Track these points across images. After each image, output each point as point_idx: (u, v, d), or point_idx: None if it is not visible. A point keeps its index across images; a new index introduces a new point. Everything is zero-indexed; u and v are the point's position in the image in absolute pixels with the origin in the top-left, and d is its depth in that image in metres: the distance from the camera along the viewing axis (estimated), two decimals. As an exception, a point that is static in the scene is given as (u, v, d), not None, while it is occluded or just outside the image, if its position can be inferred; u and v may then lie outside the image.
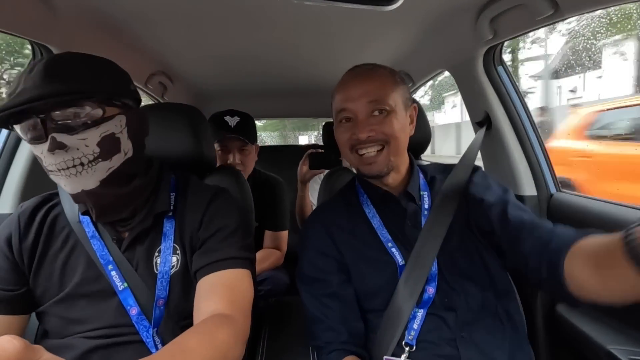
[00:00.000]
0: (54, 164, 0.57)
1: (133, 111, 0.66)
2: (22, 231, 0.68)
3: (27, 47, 0.99)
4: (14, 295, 0.66)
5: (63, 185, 0.61)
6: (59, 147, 0.55)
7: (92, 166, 0.59)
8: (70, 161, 0.57)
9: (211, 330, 0.56)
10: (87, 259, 0.68)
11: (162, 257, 0.69)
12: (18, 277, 0.67)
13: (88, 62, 0.61)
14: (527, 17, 0.89)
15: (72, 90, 0.55)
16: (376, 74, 0.79)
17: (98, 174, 0.60)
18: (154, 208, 0.70)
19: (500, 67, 1.16)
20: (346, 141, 0.79)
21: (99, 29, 1.04)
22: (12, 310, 0.65)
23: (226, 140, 1.38)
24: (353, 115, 0.77)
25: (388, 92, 0.76)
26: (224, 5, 0.97)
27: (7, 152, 1.01)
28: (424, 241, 0.75)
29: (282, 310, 1.06)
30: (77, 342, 0.65)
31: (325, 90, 0.98)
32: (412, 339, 0.70)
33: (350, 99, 0.77)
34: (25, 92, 0.54)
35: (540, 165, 1.14)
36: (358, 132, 0.75)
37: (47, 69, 0.56)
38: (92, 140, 0.58)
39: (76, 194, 0.61)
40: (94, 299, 0.67)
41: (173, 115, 0.94)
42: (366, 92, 0.76)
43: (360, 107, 0.76)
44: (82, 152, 0.58)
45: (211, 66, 1.58)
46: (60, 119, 0.56)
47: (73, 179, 0.58)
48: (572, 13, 0.81)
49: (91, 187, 0.60)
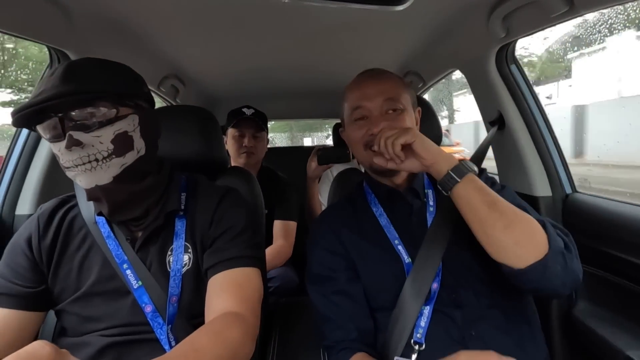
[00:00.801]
0: (70, 160, 0.60)
1: (146, 112, 0.69)
2: (41, 232, 0.70)
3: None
4: (33, 293, 0.68)
5: (78, 181, 0.64)
6: (75, 144, 0.58)
7: (106, 162, 0.62)
8: (86, 157, 0.60)
9: (222, 329, 0.57)
10: (102, 259, 0.70)
11: (174, 256, 0.71)
12: (37, 276, 0.69)
13: (103, 66, 0.65)
14: (540, 14, 0.87)
15: (88, 90, 0.59)
16: (389, 75, 0.83)
17: (112, 170, 0.63)
18: (165, 207, 0.72)
19: (513, 66, 1.14)
20: (360, 138, 0.81)
21: (113, 34, 1.06)
22: (31, 307, 0.67)
23: (242, 123, 1.53)
24: (368, 113, 0.80)
25: (400, 92, 0.80)
26: (235, 10, 0.98)
27: (25, 156, 1.04)
28: (431, 240, 0.76)
29: (292, 310, 1.06)
30: (93, 339, 0.67)
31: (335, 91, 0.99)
32: (420, 337, 0.70)
33: (365, 97, 0.80)
34: (45, 92, 0.57)
35: (555, 165, 1.11)
36: (374, 127, 0.77)
37: (65, 72, 0.59)
38: (106, 137, 0.61)
39: (90, 189, 0.63)
40: (109, 297, 0.69)
41: (185, 118, 0.96)
42: (381, 90, 0.79)
43: (375, 105, 0.79)
44: (96, 149, 0.61)
45: (222, 69, 1.60)
46: (77, 119, 0.59)
47: (88, 174, 0.61)
48: (587, 9, 0.79)
49: (105, 182, 0.63)
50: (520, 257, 0.62)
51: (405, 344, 0.70)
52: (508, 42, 1.04)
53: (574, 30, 5.08)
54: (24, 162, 1.04)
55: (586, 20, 4.34)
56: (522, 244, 0.63)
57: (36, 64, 2.84)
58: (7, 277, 0.67)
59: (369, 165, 0.84)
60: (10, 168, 1.03)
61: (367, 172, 0.90)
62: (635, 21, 3.45)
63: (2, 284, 0.67)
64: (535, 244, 0.63)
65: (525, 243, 0.63)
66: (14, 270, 0.68)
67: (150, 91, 0.72)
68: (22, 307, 0.66)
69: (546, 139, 1.12)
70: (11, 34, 0.82)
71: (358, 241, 0.81)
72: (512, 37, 1.00)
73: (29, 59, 3.09)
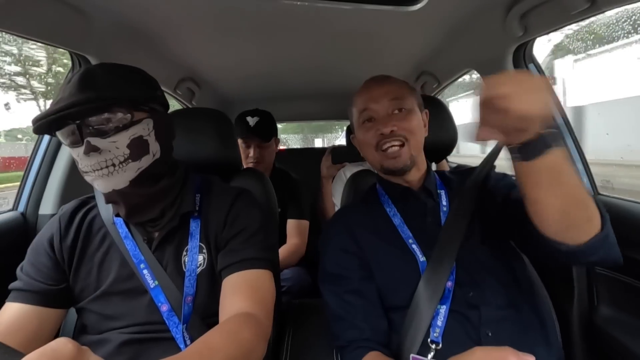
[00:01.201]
0: (89, 165, 0.62)
1: (160, 115, 0.70)
2: (63, 232, 0.73)
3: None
4: (55, 290, 0.70)
5: (96, 185, 0.65)
6: (92, 150, 0.60)
7: (123, 167, 0.63)
8: (103, 162, 0.62)
9: (236, 329, 0.58)
10: (121, 259, 0.72)
11: (189, 256, 0.72)
12: (59, 274, 0.71)
13: (118, 72, 0.66)
14: (560, 12, 0.85)
15: (102, 97, 0.60)
16: (393, 79, 0.88)
17: (128, 174, 0.64)
18: (181, 208, 0.73)
19: (531, 65, 1.11)
20: (370, 139, 0.83)
21: (131, 39, 1.09)
22: (51, 304, 0.70)
23: (246, 138, 1.53)
24: (375, 114, 0.83)
25: (405, 94, 0.84)
26: (249, 14, 0.99)
27: (48, 158, 1.08)
28: (445, 239, 0.76)
29: (306, 311, 1.06)
30: (112, 336, 0.69)
31: (349, 92, 0.99)
32: (437, 336, 0.69)
33: (372, 99, 0.83)
34: (62, 100, 0.59)
35: (575, 166, 1.08)
36: (382, 127, 0.80)
37: (81, 80, 0.61)
38: (122, 142, 0.63)
39: (108, 193, 0.65)
40: (127, 296, 0.70)
41: (200, 120, 0.97)
42: (386, 92, 0.83)
43: (382, 106, 0.82)
44: (113, 154, 0.62)
45: (237, 72, 1.61)
46: (94, 125, 0.61)
47: (105, 179, 0.63)
48: (608, 6, 0.77)
49: (121, 187, 0.64)
50: (587, 231, 0.59)
51: (420, 343, 0.69)
52: (525, 40, 1.02)
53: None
54: (47, 163, 1.08)
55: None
56: (592, 218, 0.59)
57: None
58: (30, 275, 0.70)
59: (379, 166, 0.85)
60: (34, 169, 1.07)
61: (379, 173, 0.91)
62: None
63: (26, 281, 0.69)
64: (597, 215, 0.60)
65: (593, 217, 0.59)
66: (37, 268, 0.70)
67: (164, 94, 0.74)
68: (43, 303, 0.68)
69: (565, 140, 1.09)
70: (37, 41, 0.86)
71: (372, 240, 0.81)
72: (529, 35, 0.98)
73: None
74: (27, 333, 0.65)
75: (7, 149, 5.15)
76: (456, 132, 1.09)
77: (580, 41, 5.02)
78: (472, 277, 0.74)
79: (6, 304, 0.67)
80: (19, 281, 0.70)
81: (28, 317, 0.67)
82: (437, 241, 0.76)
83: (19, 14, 0.76)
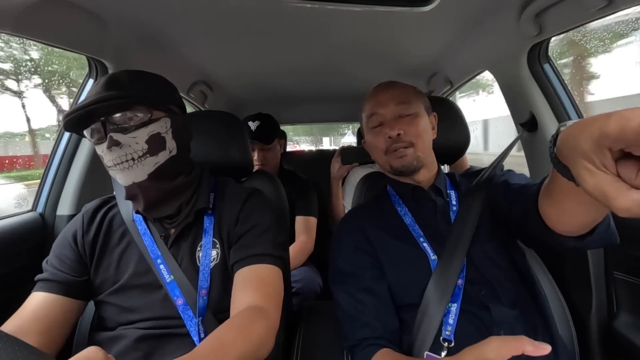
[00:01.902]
0: (111, 159, 0.67)
1: (177, 116, 0.75)
2: (85, 228, 0.78)
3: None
4: (77, 282, 0.74)
5: (119, 179, 0.70)
6: (114, 144, 0.66)
7: (142, 161, 0.68)
8: (124, 156, 0.67)
9: (247, 324, 0.60)
10: (139, 254, 0.76)
11: (203, 251, 0.76)
12: (81, 267, 0.76)
13: (140, 77, 0.73)
14: (577, 10, 0.83)
15: (125, 95, 0.67)
16: (400, 84, 0.90)
17: (147, 168, 0.69)
18: (196, 205, 0.78)
19: (546, 65, 1.09)
20: (380, 143, 0.86)
21: (146, 44, 1.11)
22: (73, 294, 0.73)
23: (250, 142, 1.52)
24: (382, 118, 0.86)
25: (412, 98, 0.86)
26: (260, 17, 1.00)
27: (65, 160, 1.11)
28: (455, 237, 0.77)
29: (316, 313, 1.06)
30: (128, 332, 0.71)
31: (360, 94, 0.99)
32: (449, 334, 0.69)
33: (379, 104, 0.86)
34: (89, 98, 0.65)
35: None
36: (389, 130, 0.83)
37: (107, 82, 0.68)
38: (141, 138, 0.68)
39: (129, 186, 0.70)
40: (144, 290, 0.74)
41: (213, 122, 0.98)
42: (392, 96, 0.86)
43: (388, 110, 0.85)
44: (133, 149, 0.67)
45: (248, 74, 1.63)
46: (117, 122, 0.67)
47: (126, 172, 0.68)
48: (628, 4, 0.75)
49: (141, 180, 0.69)
50: (595, 219, 0.56)
51: (432, 341, 0.69)
52: (541, 40, 1.00)
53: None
54: (65, 165, 1.10)
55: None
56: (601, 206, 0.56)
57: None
58: (55, 266, 0.74)
59: (389, 167, 0.88)
60: (52, 171, 1.10)
61: (388, 175, 0.93)
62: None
63: (51, 271, 0.73)
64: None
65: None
66: (61, 260, 0.75)
67: (182, 98, 0.78)
68: (66, 293, 0.72)
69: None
70: (55, 46, 0.88)
71: (384, 239, 0.82)
72: (545, 35, 0.96)
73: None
74: (51, 321, 0.69)
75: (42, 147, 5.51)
76: (468, 132, 1.08)
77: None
78: (482, 273, 0.74)
79: (32, 294, 0.72)
80: (44, 272, 0.74)
81: (52, 305, 0.70)
82: (447, 239, 0.77)
83: (39, 22, 0.79)
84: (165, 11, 0.95)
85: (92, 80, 1.10)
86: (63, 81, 4.36)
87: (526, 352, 0.45)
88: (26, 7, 0.73)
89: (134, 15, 0.95)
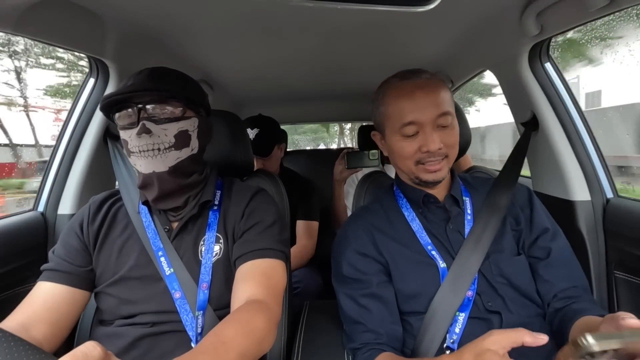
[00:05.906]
0: (137, 146, 0.70)
1: (204, 118, 0.80)
2: (91, 217, 0.80)
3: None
4: (82, 271, 0.75)
5: (139, 165, 0.73)
6: (145, 132, 0.69)
7: (166, 153, 0.71)
8: (151, 145, 0.70)
9: (248, 319, 0.60)
10: (141, 246, 0.77)
11: (206, 245, 0.77)
12: (86, 257, 0.77)
13: (180, 76, 0.78)
14: (578, 9, 0.82)
15: (166, 88, 0.71)
16: (437, 83, 0.77)
17: (169, 161, 0.72)
18: (201, 199, 0.80)
19: (548, 64, 1.09)
20: (412, 154, 0.77)
21: (147, 43, 1.11)
22: (78, 284, 0.74)
23: None
24: (420, 128, 0.75)
25: (450, 104, 0.77)
26: (261, 17, 1.00)
27: (67, 160, 1.11)
28: (470, 251, 0.75)
29: (317, 312, 1.06)
30: (126, 331, 0.72)
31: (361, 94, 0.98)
32: (453, 343, 0.69)
33: (419, 109, 0.74)
34: (132, 85, 0.71)
35: (594, 167, 1.05)
36: (430, 144, 0.74)
37: (150, 73, 0.73)
38: (171, 132, 0.72)
39: (147, 174, 0.73)
40: (143, 282, 0.75)
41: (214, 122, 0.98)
42: (435, 103, 0.74)
43: (428, 117, 0.74)
44: (161, 140, 0.71)
45: (249, 73, 1.63)
46: (151, 112, 0.70)
47: (150, 160, 0.71)
48: (629, 3, 0.74)
49: (161, 171, 0.72)
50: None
51: (437, 348, 0.69)
52: (542, 39, 1.00)
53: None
54: (66, 165, 1.10)
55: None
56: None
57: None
58: (61, 256, 0.75)
59: (414, 176, 0.80)
60: (53, 170, 1.10)
61: (405, 180, 0.87)
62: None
63: (56, 261, 0.75)
64: None
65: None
66: (67, 249, 0.76)
67: (209, 105, 0.83)
68: (71, 283, 0.73)
69: (584, 141, 1.06)
70: (57, 46, 0.88)
71: (391, 245, 0.79)
72: (546, 34, 0.96)
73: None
74: (59, 312, 0.70)
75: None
76: (470, 136, 1.08)
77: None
78: (493, 286, 0.73)
79: (38, 283, 0.73)
80: (50, 262, 0.75)
81: (60, 297, 0.71)
82: (460, 250, 0.75)
83: (40, 21, 0.79)
84: (166, 10, 0.95)
85: (93, 79, 1.10)
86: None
87: (525, 343, 0.46)
88: (27, 7, 0.73)
89: (134, 14, 0.95)
